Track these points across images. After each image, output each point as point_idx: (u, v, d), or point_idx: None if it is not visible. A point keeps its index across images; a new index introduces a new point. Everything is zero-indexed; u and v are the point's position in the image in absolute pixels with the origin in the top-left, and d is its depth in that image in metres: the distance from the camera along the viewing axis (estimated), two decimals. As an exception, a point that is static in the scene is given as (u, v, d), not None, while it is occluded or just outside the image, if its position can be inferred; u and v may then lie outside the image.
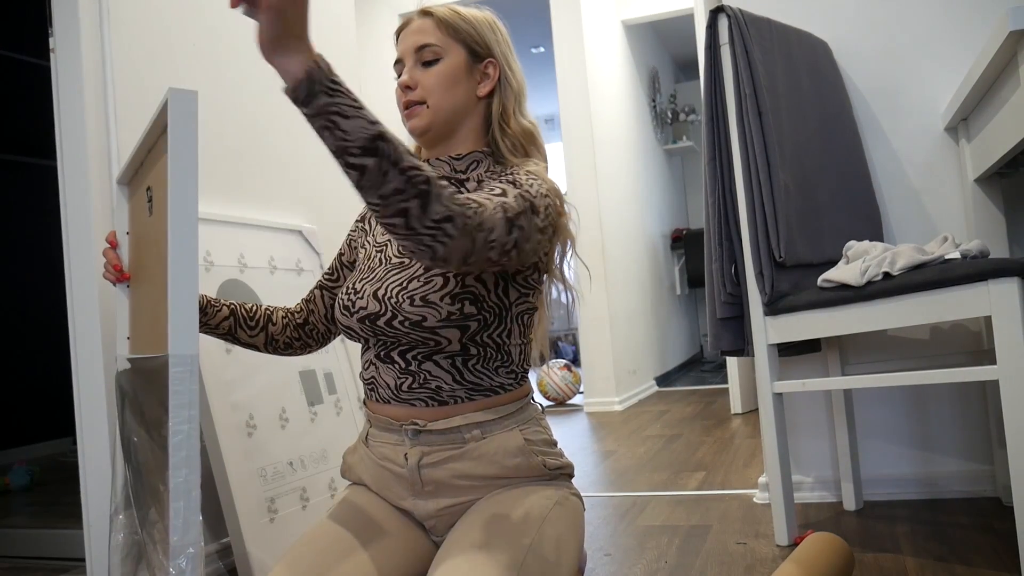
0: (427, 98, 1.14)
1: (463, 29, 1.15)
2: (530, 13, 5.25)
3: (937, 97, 2.10)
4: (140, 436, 1.15)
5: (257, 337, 1.26)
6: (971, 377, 1.54)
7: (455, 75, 1.14)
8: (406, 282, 1.08)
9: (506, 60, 1.18)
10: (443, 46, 1.14)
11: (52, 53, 1.77)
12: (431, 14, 1.15)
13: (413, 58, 1.15)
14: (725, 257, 1.90)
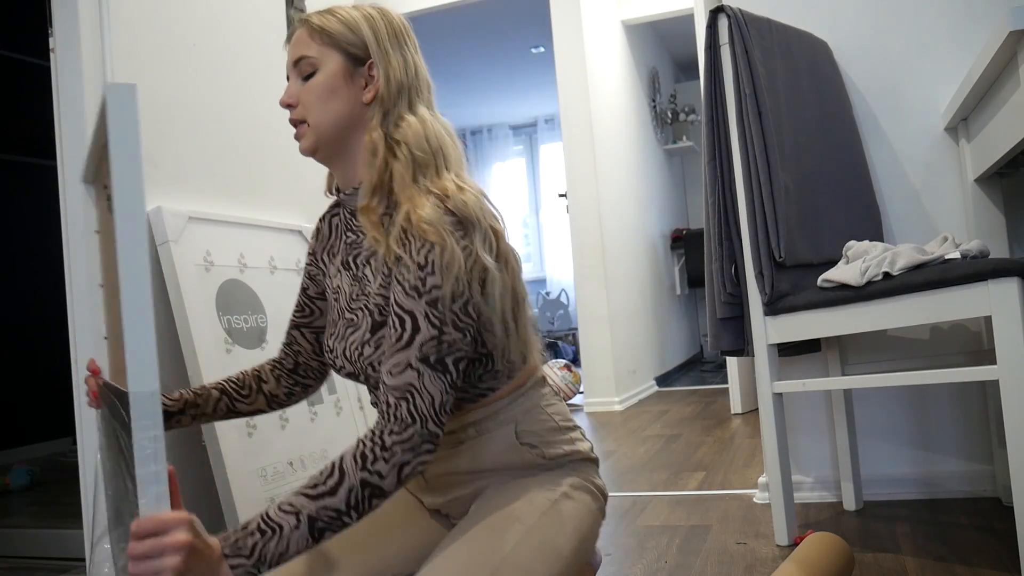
0: (306, 116, 1.07)
1: (337, 33, 1.06)
2: (530, 13, 5.25)
3: (937, 97, 2.10)
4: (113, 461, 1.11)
5: (257, 402, 1.23)
6: (971, 377, 1.54)
7: (331, 85, 1.06)
8: (360, 346, 1.05)
9: (386, 57, 1.07)
10: (318, 56, 1.06)
11: (52, 53, 1.77)
12: (306, 23, 1.08)
13: (294, 73, 1.09)
14: (725, 257, 1.90)
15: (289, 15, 2.41)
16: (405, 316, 0.94)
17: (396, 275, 0.97)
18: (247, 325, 1.96)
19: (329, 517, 0.87)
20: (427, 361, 0.93)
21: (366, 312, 1.05)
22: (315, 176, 2.46)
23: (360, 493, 0.88)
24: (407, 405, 0.92)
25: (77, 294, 1.74)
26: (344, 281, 1.13)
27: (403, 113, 1.07)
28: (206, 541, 0.81)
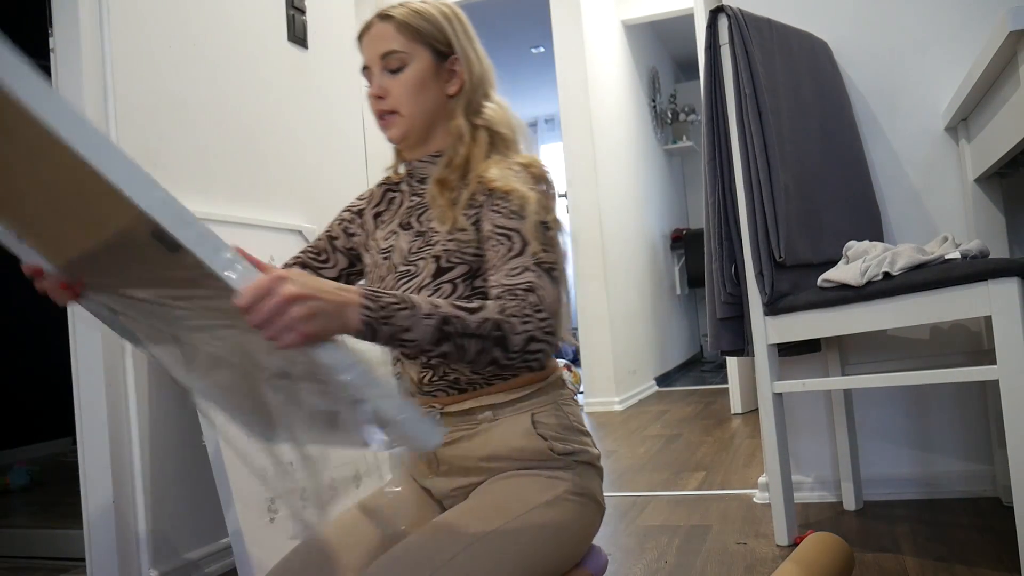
0: (399, 107, 1.14)
1: (424, 30, 1.13)
2: (530, 13, 5.25)
3: (937, 97, 2.10)
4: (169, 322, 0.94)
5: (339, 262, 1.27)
6: (971, 377, 1.54)
7: (423, 80, 1.13)
8: (416, 291, 1.09)
9: (466, 53, 1.16)
10: (407, 51, 1.13)
11: (52, 53, 1.77)
12: (391, 18, 1.13)
13: (379, 65, 1.14)
14: (725, 257, 1.90)
15: (289, 15, 2.41)
16: (510, 232, 1.03)
17: (490, 208, 1.06)
18: (247, 325, 1.96)
19: (457, 328, 0.89)
20: (540, 266, 1.00)
21: (429, 259, 1.10)
22: (315, 176, 2.47)
23: (491, 328, 0.91)
24: (534, 295, 0.97)
25: (77, 294, 1.74)
26: (401, 240, 1.17)
27: (483, 101, 1.16)
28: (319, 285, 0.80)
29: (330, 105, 2.60)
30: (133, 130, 1.84)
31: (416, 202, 1.20)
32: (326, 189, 2.53)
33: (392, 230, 1.21)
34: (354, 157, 2.75)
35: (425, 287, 1.09)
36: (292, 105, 2.41)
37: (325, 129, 2.57)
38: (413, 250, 1.15)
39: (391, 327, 0.85)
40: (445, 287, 1.08)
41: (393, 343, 0.87)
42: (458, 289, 1.08)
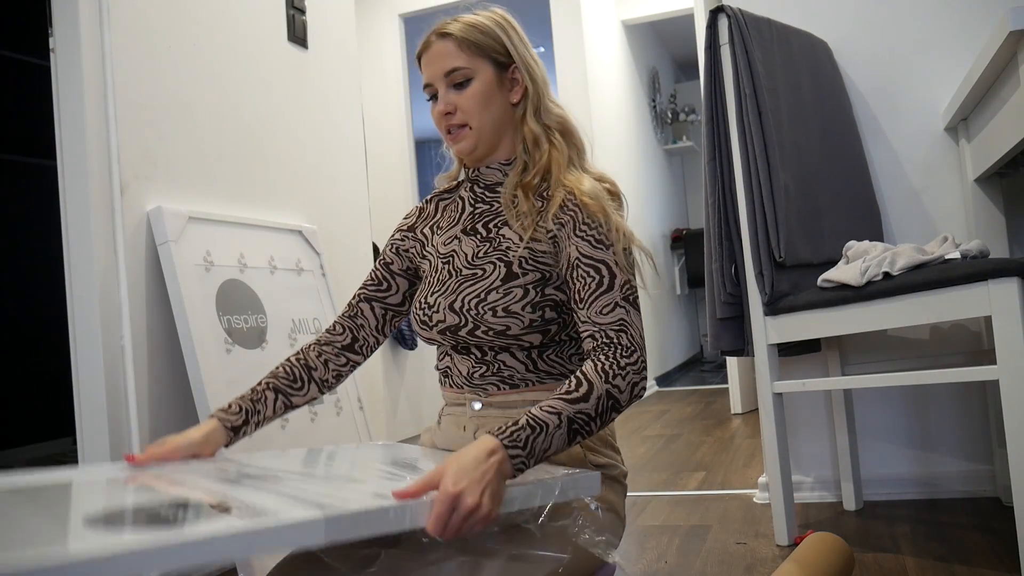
0: (468, 120, 1.16)
1: (485, 44, 1.16)
2: (530, 13, 5.24)
3: (937, 97, 2.10)
4: None
5: (310, 391, 1.25)
6: (971, 377, 1.54)
7: (489, 93, 1.16)
8: (484, 293, 1.11)
9: (526, 60, 1.18)
10: (471, 66, 1.15)
11: (52, 53, 1.77)
12: (449, 35, 1.16)
13: (444, 83, 1.16)
14: (725, 257, 1.90)
15: (289, 15, 2.41)
16: (599, 265, 1.07)
17: (576, 232, 1.09)
18: (247, 325, 1.96)
19: (582, 421, 0.97)
20: (628, 300, 1.06)
21: (499, 264, 1.12)
22: (315, 176, 2.47)
23: (605, 402, 0.98)
24: (626, 336, 1.04)
25: (77, 294, 1.74)
26: (464, 245, 1.19)
27: (548, 104, 1.19)
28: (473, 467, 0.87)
29: (330, 105, 2.60)
30: (133, 130, 1.84)
31: (482, 209, 1.21)
32: (326, 189, 2.53)
33: (453, 235, 1.22)
34: (354, 157, 2.75)
35: (494, 289, 1.10)
36: (292, 105, 2.41)
37: (325, 129, 2.57)
38: (479, 254, 1.16)
39: (535, 457, 0.94)
40: (516, 291, 1.09)
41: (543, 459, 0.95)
42: (529, 295, 1.09)
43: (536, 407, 0.97)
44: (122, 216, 1.78)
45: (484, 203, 1.22)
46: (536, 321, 1.09)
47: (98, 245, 1.74)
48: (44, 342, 3.88)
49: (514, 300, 1.09)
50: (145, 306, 1.82)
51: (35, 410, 3.94)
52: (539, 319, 1.09)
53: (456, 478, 0.85)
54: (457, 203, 1.26)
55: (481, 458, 0.88)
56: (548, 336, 1.11)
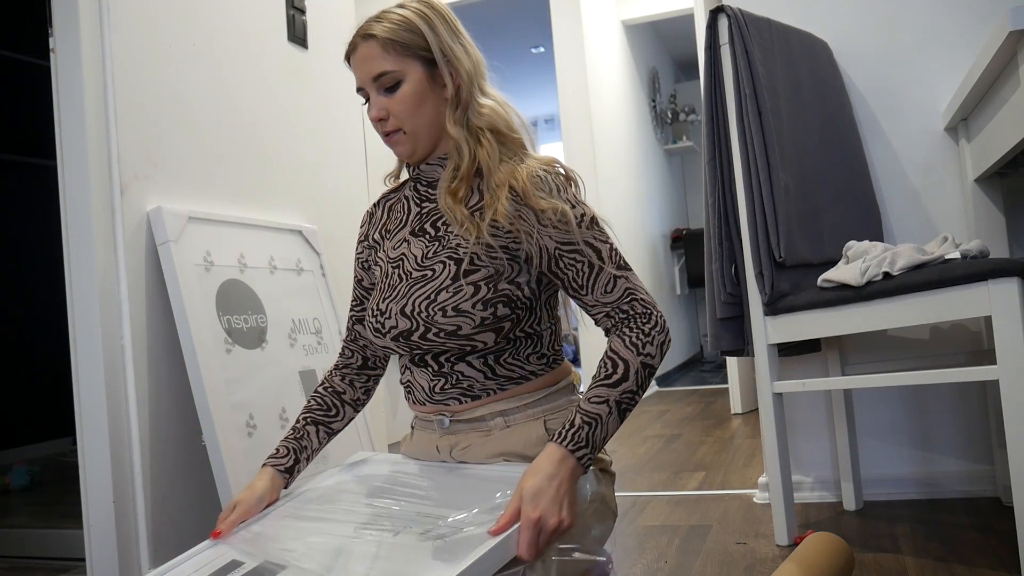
0: (401, 125, 1.13)
1: (411, 43, 1.11)
2: (530, 13, 5.25)
3: (937, 97, 2.10)
4: None
5: (346, 414, 1.30)
6: (971, 377, 1.54)
7: (420, 94, 1.12)
8: (434, 294, 1.08)
9: (454, 52, 1.13)
10: (399, 68, 1.11)
11: (52, 53, 1.77)
12: (373, 37, 1.11)
13: (374, 87, 1.13)
14: (725, 257, 1.90)
15: (289, 15, 2.41)
16: (582, 247, 1.09)
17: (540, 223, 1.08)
18: (247, 325, 1.96)
19: (628, 399, 1.02)
20: (621, 266, 1.09)
21: (449, 263, 1.10)
22: (315, 176, 2.47)
23: (643, 373, 1.04)
24: (638, 304, 1.07)
25: (77, 294, 1.74)
26: (413, 247, 1.16)
27: (479, 99, 1.14)
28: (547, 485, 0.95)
29: (330, 105, 2.60)
30: (133, 130, 1.84)
31: (429, 208, 1.18)
32: (326, 189, 2.53)
33: (402, 238, 1.19)
34: (354, 157, 2.75)
35: (444, 289, 1.08)
36: (292, 105, 2.40)
37: (325, 129, 2.57)
38: (429, 255, 1.13)
39: (598, 447, 1.01)
40: (467, 289, 1.07)
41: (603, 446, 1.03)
42: (480, 291, 1.07)
43: (583, 400, 1.01)
44: (122, 216, 1.78)
45: (430, 201, 1.19)
46: (488, 319, 1.06)
47: (98, 245, 1.74)
48: (44, 342, 3.88)
49: (464, 298, 1.07)
50: (145, 306, 1.82)
51: (35, 410, 3.94)
52: (491, 316, 1.07)
53: (534, 503, 0.93)
54: (403, 203, 1.23)
55: (553, 472, 0.96)
56: (501, 334, 1.08)
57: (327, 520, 1.08)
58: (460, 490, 1.07)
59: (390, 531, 0.99)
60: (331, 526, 1.06)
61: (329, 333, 2.25)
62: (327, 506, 1.13)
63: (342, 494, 1.17)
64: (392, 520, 1.03)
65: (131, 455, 1.74)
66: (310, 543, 1.01)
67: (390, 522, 1.03)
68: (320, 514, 1.10)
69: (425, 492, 1.10)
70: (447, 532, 0.95)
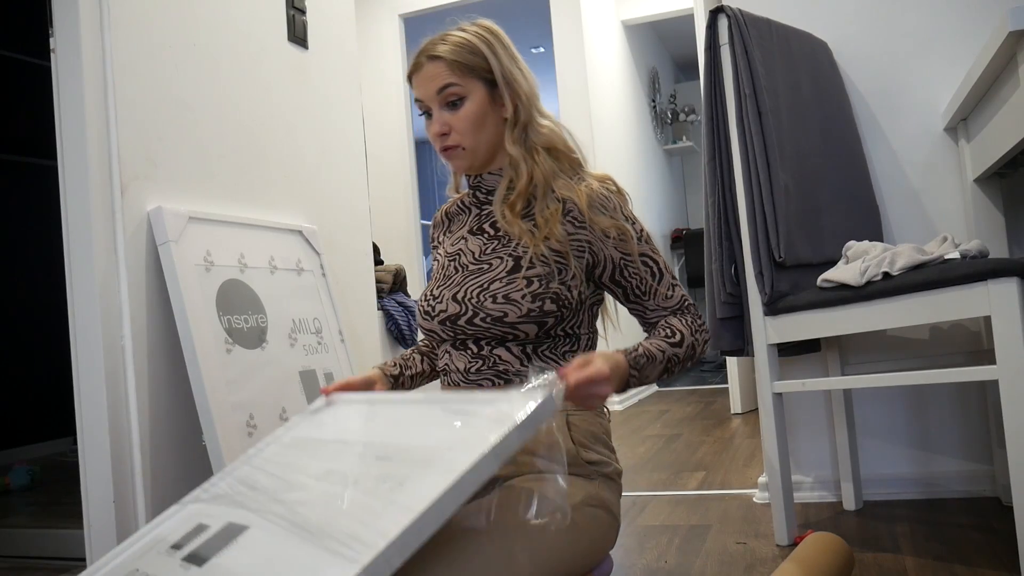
0: (461, 142, 1.19)
1: (474, 64, 1.18)
2: (530, 13, 5.24)
3: (937, 97, 2.10)
4: None
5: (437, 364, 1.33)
6: (971, 377, 1.54)
7: (482, 113, 1.19)
8: (487, 283, 1.15)
9: (513, 75, 1.20)
10: (463, 84, 1.18)
11: (52, 53, 1.77)
12: (440, 58, 1.18)
13: (437, 101, 1.19)
14: (725, 257, 1.90)
15: (289, 15, 2.41)
16: (647, 258, 1.19)
17: (607, 235, 1.17)
18: (247, 325, 1.96)
19: (673, 361, 1.13)
20: (673, 275, 1.21)
21: (507, 259, 1.17)
22: (315, 176, 2.47)
23: (690, 351, 1.14)
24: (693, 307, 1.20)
25: (77, 294, 1.74)
26: (470, 244, 1.24)
27: (538, 119, 1.23)
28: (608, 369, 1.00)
29: (330, 105, 2.60)
30: (133, 130, 1.84)
31: (489, 210, 1.25)
32: (326, 189, 2.53)
33: (460, 236, 1.27)
34: (354, 157, 2.75)
35: (498, 279, 1.14)
36: (292, 105, 2.41)
37: (325, 129, 2.57)
38: (487, 251, 1.20)
39: (641, 381, 1.10)
40: (520, 282, 1.13)
41: (641, 384, 1.12)
42: (532, 285, 1.13)
43: (642, 344, 1.10)
44: (122, 216, 1.78)
45: (489, 205, 1.26)
46: (534, 311, 1.12)
47: (98, 245, 1.74)
48: (44, 342, 3.88)
49: (515, 289, 1.12)
50: (145, 306, 1.82)
51: (35, 410, 3.94)
52: (537, 310, 1.12)
53: (612, 368, 1.00)
54: (463, 209, 1.31)
55: (623, 364, 1.06)
56: (544, 329, 1.14)
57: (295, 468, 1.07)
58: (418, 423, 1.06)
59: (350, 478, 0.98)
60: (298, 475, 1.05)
61: (329, 333, 2.25)
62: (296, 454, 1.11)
63: (310, 441, 1.15)
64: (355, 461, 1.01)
65: (131, 455, 1.74)
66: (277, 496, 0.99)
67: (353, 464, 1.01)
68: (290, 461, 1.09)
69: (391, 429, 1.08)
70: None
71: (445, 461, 0.86)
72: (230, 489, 1.09)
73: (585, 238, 1.16)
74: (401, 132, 4.82)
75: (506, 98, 1.19)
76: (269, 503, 0.98)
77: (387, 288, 3.46)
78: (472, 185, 1.29)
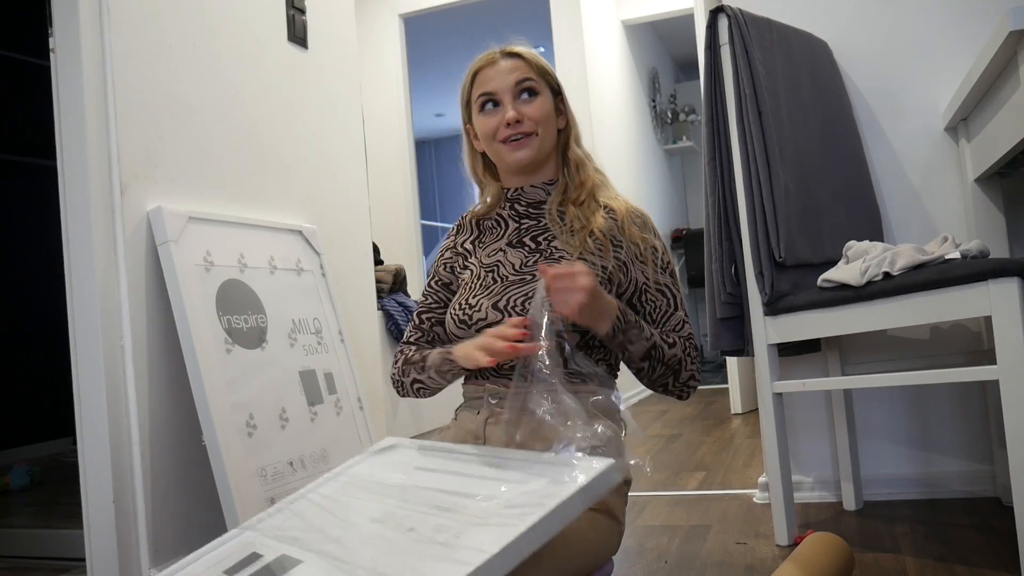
0: (535, 129, 1.26)
1: (546, 70, 1.29)
2: (530, 13, 5.24)
3: (937, 97, 2.10)
4: None
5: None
6: (971, 377, 1.54)
7: (549, 111, 1.28)
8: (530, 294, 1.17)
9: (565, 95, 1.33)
10: (538, 84, 1.28)
11: (52, 53, 1.77)
12: (518, 55, 1.28)
13: (512, 92, 1.26)
14: (725, 257, 1.90)
15: (289, 15, 2.41)
16: (664, 289, 1.25)
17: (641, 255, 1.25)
18: (247, 325, 1.96)
19: (658, 352, 1.17)
20: (686, 313, 1.26)
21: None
22: (315, 176, 2.47)
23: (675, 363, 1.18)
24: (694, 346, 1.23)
25: (77, 294, 1.74)
26: (510, 256, 1.28)
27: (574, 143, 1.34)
28: (598, 288, 1.07)
29: (330, 105, 2.60)
30: (133, 130, 1.84)
31: (528, 224, 1.30)
32: (326, 189, 2.53)
33: (498, 248, 1.29)
34: (354, 157, 2.75)
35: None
36: (292, 105, 2.41)
37: (325, 129, 2.57)
38: (528, 264, 1.23)
39: (624, 338, 1.12)
40: None
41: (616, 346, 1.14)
42: None
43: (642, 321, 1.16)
44: (122, 216, 1.78)
45: (530, 219, 1.31)
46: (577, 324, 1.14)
47: (98, 245, 1.74)
48: (44, 342, 3.88)
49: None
50: (145, 306, 1.82)
51: (35, 410, 3.94)
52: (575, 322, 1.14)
53: (592, 284, 1.05)
54: (498, 221, 1.34)
55: (613, 302, 1.10)
56: (584, 337, 1.17)
57: (353, 508, 1.07)
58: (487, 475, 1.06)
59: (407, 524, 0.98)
60: (354, 515, 1.05)
61: (329, 333, 2.25)
62: (355, 493, 1.12)
63: (369, 483, 1.15)
64: (413, 508, 1.01)
65: (131, 455, 1.74)
66: (333, 534, 1.00)
67: (411, 510, 1.01)
68: (348, 500, 1.10)
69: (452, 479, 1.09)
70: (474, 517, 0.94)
71: (505, 518, 0.86)
72: (286, 522, 1.09)
73: (622, 257, 1.24)
74: (401, 132, 4.82)
75: (566, 110, 1.31)
76: (323, 541, 0.99)
77: (387, 288, 3.46)
78: (510, 198, 1.33)
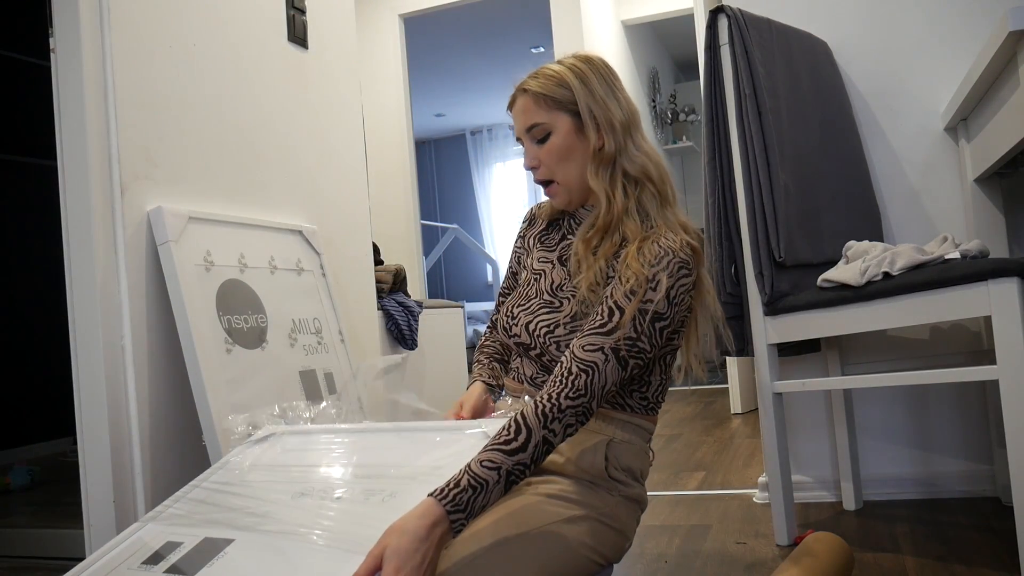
0: (552, 176, 1.21)
1: (559, 97, 1.18)
2: (530, 13, 5.24)
3: (937, 97, 2.10)
4: None
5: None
6: (971, 377, 1.54)
7: (568, 146, 1.18)
8: (553, 326, 1.16)
9: (606, 104, 1.18)
10: (548, 120, 1.19)
11: (52, 53, 1.77)
12: (527, 91, 1.21)
13: (527, 137, 1.22)
14: (725, 257, 1.90)
15: (289, 15, 2.41)
16: (616, 310, 1.07)
17: (621, 274, 1.10)
18: (247, 325, 1.96)
19: (519, 471, 0.98)
20: (616, 354, 1.05)
21: (572, 302, 1.17)
22: (315, 176, 2.47)
23: (541, 448, 0.99)
24: (585, 378, 1.03)
25: (77, 294, 1.74)
26: (554, 272, 1.25)
27: (632, 149, 1.19)
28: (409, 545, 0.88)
29: (330, 105, 2.60)
30: (133, 130, 1.84)
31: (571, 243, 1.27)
32: (326, 189, 2.53)
33: (548, 258, 1.28)
34: (354, 157, 2.75)
35: (563, 324, 1.15)
36: (292, 105, 2.41)
37: (325, 129, 2.57)
38: (563, 286, 1.21)
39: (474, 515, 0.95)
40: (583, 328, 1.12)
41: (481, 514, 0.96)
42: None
43: (475, 461, 0.96)
44: (122, 216, 1.78)
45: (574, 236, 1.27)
46: None
47: (98, 245, 1.74)
48: (44, 342, 3.88)
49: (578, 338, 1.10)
50: (145, 306, 1.82)
51: (35, 410, 3.94)
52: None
53: (397, 564, 0.86)
54: (558, 228, 1.32)
55: (423, 535, 0.88)
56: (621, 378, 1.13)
57: (264, 488, 1.07)
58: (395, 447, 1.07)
59: (331, 495, 0.98)
60: (272, 494, 1.05)
61: (329, 333, 2.25)
62: (258, 477, 1.12)
63: (270, 467, 1.15)
64: (331, 482, 1.02)
65: (131, 455, 1.74)
66: (258, 511, 0.99)
67: (330, 484, 1.02)
68: (254, 483, 1.09)
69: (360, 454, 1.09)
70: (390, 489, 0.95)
71: (434, 476, 0.87)
72: (193, 510, 1.08)
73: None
74: (401, 132, 4.82)
75: (591, 131, 1.17)
76: (247, 519, 0.98)
77: (387, 288, 3.46)
78: (571, 211, 1.30)
